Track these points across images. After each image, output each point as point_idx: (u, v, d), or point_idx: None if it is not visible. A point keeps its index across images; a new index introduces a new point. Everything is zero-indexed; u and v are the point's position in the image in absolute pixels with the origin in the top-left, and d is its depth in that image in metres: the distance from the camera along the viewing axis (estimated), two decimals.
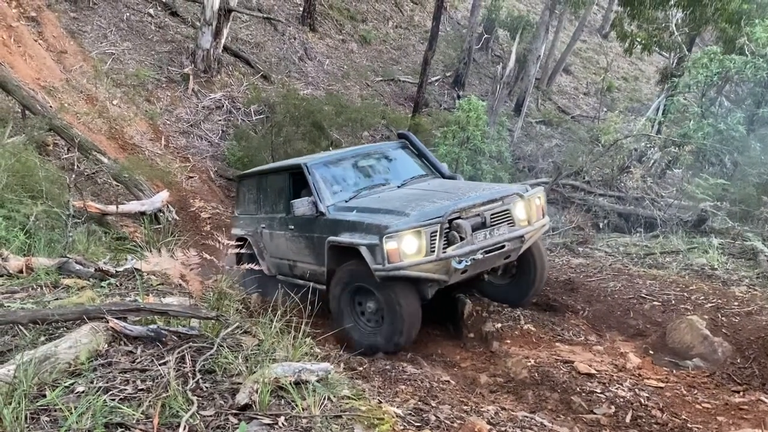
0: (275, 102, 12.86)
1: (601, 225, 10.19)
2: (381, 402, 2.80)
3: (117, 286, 4.01)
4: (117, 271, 4.19)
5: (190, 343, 2.88)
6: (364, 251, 4.69)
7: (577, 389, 3.88)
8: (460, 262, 4.65)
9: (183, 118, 12.27)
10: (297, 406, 2.40)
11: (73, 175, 7.12)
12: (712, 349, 4.41)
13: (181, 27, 14.18)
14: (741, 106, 11.53)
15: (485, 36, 19.85)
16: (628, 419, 3.55)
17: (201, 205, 5.88)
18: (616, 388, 3.87)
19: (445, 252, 4.65)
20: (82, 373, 2.54)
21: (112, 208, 7.29)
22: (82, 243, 5.65)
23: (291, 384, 2.50)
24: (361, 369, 4.12)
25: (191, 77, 12.76)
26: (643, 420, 3.53)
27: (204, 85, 13.04)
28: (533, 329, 4.97)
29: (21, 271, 4.09)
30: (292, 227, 5.80)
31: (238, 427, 2.20)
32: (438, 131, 12.55)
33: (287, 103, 12.28)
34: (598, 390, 3.86)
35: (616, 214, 10.48)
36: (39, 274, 4.01)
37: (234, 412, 2.32)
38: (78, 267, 4.18)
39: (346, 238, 4.97)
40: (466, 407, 3.34)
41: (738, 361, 4.27)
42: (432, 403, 3.26)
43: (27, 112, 8.52)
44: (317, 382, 2.60)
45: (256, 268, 4.24)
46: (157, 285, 4.06)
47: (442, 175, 6.13)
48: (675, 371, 4.30)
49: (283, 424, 2.27)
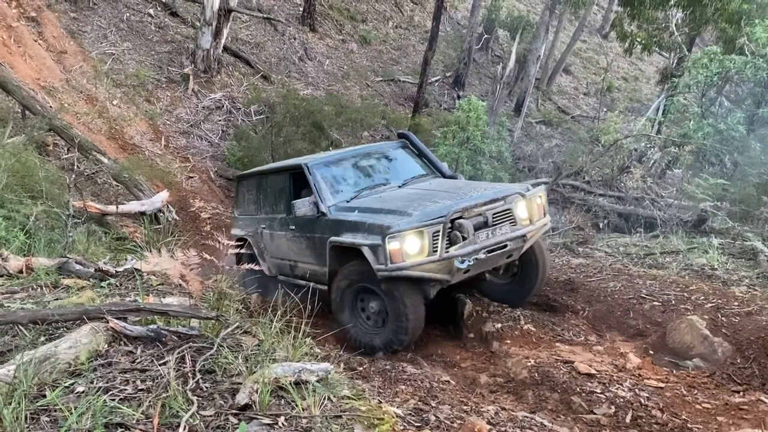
0: (275, 102, 12.85)
1: (601, 225, 10.19)
2: (381, 402, 2.80)
3: (117, 286, 4.00)
4: (117, 271, 4.19)
5: (190, 343, 2.88)
6: (367, 251, 4.68)
7: (577, 389, 3.88)
8: (462, 262, 4.66)
9: (183, 118, 12.27)
10: (297, 406, 2.40)
11: (73, 175, 7.12)
12: (712, 349, 4.41)
13: (181, 27, 14.18)
14: (741, 106, 11.53)
15: (485, 36, 19.84)
16: (628, 419, 3.55)
17: (201, 205, 5.88)
18: (616, 389, 3.87)
19: (448, 252, 4.65)
20: (82, 373, 2.54)
21: (112, 208, 7.29)
22: (82, 243, 5.65)
23: (291, 384, 2.50)
24: (361, 369, 4.12)
25: (191, 77, 12.75)
26: (643, 420, 3.53)
27: (204, 85, 13.04)
28: (533, 329, 4.97)
29: (21, 271, 4.09)
30: (293, 228, 5.79)
31: (238, 427, 2.20)
32: (438, 131, 12.55)
33: (287, 103, 12.27)
34: (598, 390, 3.86)
35: (616, 214, 10.49)
36: (39, 275, 4.01)
37: (234, 412, 2.32)
38: (78, 267, 4.18)
39: (348, 239, 4.97)
40: (466, 407, 3.34)
41: (738, 361, 4.27)
42: (432, 403, 3.26)
43: (27, 112, 8.53)
44: (317, 382, 2.60)
45: (256, 268, 4.24)
46: (157, 285, 4.06)
47: (443, 175, 6.13)
48: (675, 371, 4.30)
49: (283, 424, 2.27)
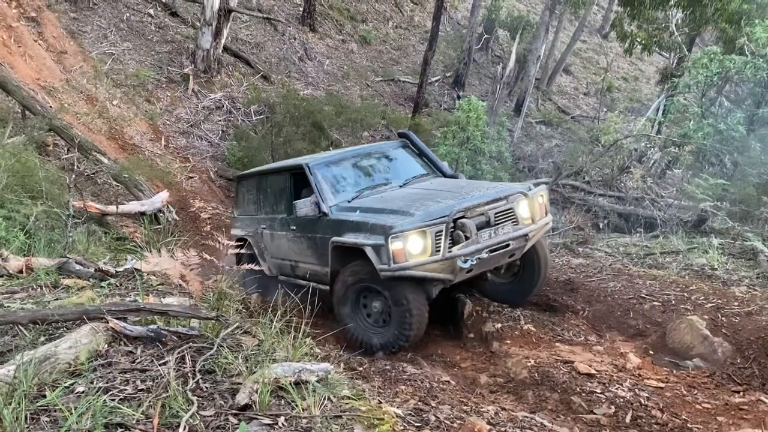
0: (275, 102, 12.85)
1: (601, 225, 10.19)
2: (381, 402, 2.80)
3: (117, 286, 4.00)
4: (117, 272, 4.19)
5: (190, 343, 2.88)
6: (369, 251, 4.69)
7: (577, 389, 3.88)
8: (465, 262, 4.66)
9: (183, 119, 12.27)
10: (297, 406, 2.40)
11: (73, 176, 7.12)
12: (712, 349, 4.40)
13: (181, 27, 14.18)
14: (741, 106, 11.54)
15: (485, 36, 19.84)
16: (628, 419, 3.55)
17: (201, 206, 5.86)
18: (616, 389, 3.87)
19: (451, 251, 4.65)
20: (82, 374, 2.54)
21: (112, 209, 7.29)
22: (82, 243, 5.65)
23: (291, 384, 2.50)
24: (361, 369, 4.12)
25: (191, 77, 12.75)
26: (643, 420, 3.53)
27: (204, 85, 13.04)
28: (533, 329, 4.97)
29: (21, 272, 4.09)
30: (294, 228, 5.78)
31: (238, 427, 2.20)
32: (438, 131, 12.55)
33: (287, 103, 12.27)
34: (598, 390, 3.86)
35: (616, 214, 10.49)
36: (39, 275, 4.01)
37: (234, 412, 2.32)
38: (78, 267, 4.18)
39: (350, 239, 4.97)
40: (466, 407, 3.34)
41: (738, 361, 4.27)
42: (432, 404, 3.26)
43: (27, 113, 8.52)
44: (317, 382, 2.60)
45: (256, 268, 4.24)
46: (157, 285, 4.06)
47: (444, 174, 6.12)
48: (675, 371, 4.29)
49: (283, 425, 2.27)
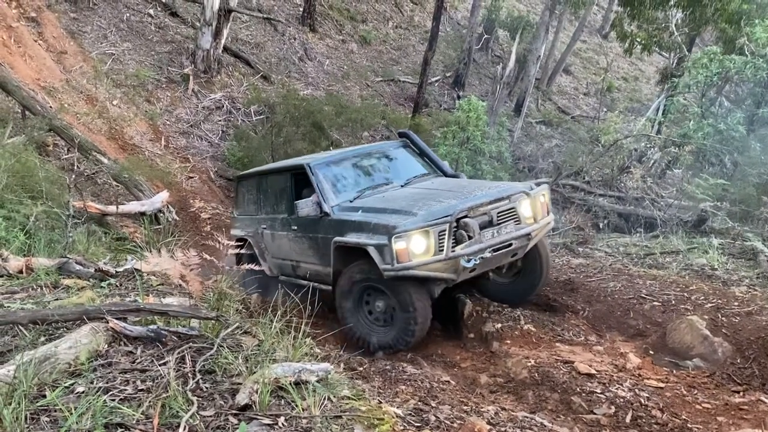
0: (275, 102, 12.84)
1: (601, 225, 10.19)
2: (381, 402, 2.80)
3: (117, 286, 4.00)
4: (117, 272, 4.19)
5: (190, 343, 2.88)
6: (373, 251, 4.68)
7: (577, 389, 3.88)
8: (468, 261, 4.67)
9: (183, 119, 12.27)
10: (297, 406, 2.40)
11: (73, 176, 7.11)
12: (712, 349, 4.40)
13: (181, 27, 14.18)
14: (741, 106, 11.54)
15: (485, 36, 19.84)
16: (628, 419, 3.55)
17: (201, 206, 5.86)
18: (616, 389, 3.87)
19: (454, 251, 4.65)
20: (82, 374, 2.54)
21: (112, 209, 7.29)
22: (82, 243, 5.65)
23: (291, 384, 2.50)
24: (361, 369, 4.12)
25: (191, 77, 12.75)
26: (643, 420, 3.53)
27: (204, 85, 13.03)
28: (533, 329, 4.97)
29: (21, 272, 4.09)
30: (296, 228, 5.78)
31: (238, 428, 2.20)
32: (438, 131, 12.55)
33: (287, 103, 12.27)
34: (598, 390, 3.86)
35: (616, 214, 10.49)
36: (39, 275, 4.01)
37: (234, 412, 2.32)
38: (78, 267, 4.18)
39: (352, 239, 4.96)
40: (466, 407, 3.34)
41: (738, 361, 4.26)
42: (432, 404, 3.26)
43: (27, 113, 8.53)
44: (317, 382, 2.60)
45: (257, 268, 4.24)
46: (157, 285, 4.06)
47: (445, 174, 6.13)
48: (675, 371, 4.29)
49: (283, 425, 2.27)
